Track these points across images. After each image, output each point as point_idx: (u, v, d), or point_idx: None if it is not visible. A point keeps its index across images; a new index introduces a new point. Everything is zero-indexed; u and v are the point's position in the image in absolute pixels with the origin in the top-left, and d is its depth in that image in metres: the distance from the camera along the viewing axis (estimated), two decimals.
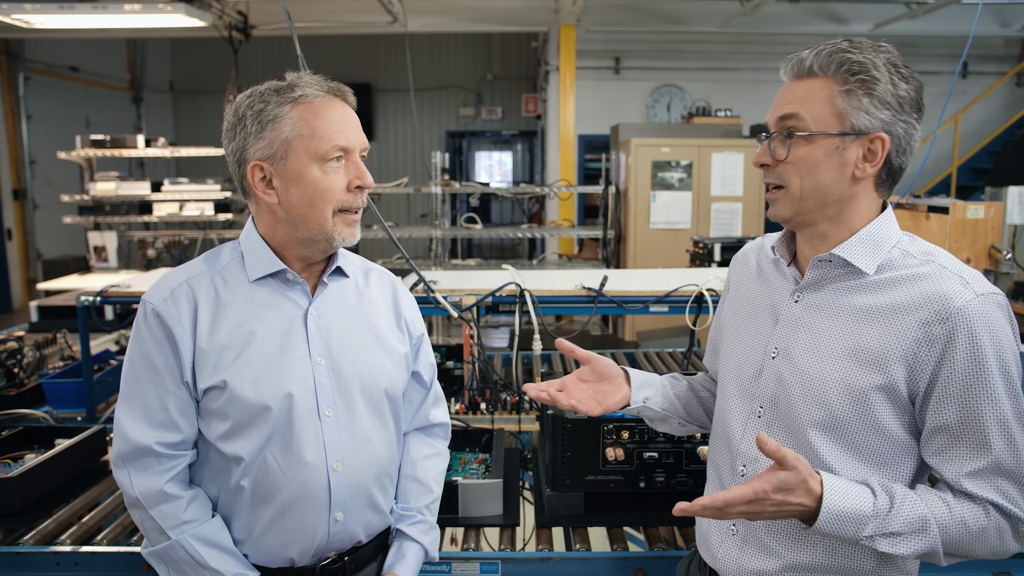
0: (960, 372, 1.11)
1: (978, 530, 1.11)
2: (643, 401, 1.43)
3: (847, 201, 1.20)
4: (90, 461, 2.08)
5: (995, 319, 1.11)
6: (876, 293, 1.18)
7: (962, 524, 1.12)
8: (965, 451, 1.13)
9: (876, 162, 1.17)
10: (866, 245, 1.20)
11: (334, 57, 11.48)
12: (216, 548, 1.31)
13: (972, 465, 1.12)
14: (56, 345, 3.22)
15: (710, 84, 8.76)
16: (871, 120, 1.15)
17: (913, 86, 1.17)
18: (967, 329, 1.10)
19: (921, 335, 1.12)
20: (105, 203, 6.50)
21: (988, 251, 4.25)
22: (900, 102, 1.15)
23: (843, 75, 1.15)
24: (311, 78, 1.33)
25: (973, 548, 1.13)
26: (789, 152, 1.19)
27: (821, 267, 1.24)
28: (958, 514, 1.12)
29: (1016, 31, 8.18)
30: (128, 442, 1.30)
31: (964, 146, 8.73)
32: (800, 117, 1.17)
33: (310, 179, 1.30)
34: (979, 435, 1.11)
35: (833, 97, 1.16)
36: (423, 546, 1.50)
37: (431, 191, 5.92)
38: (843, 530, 1.10)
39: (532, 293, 2.52)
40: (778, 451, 1.08)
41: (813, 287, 1.25)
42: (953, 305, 1.11)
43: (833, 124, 1.16)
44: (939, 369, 1.12)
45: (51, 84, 9.45)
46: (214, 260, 1.39)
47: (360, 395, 1.40)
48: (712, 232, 6.12)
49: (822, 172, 1.17)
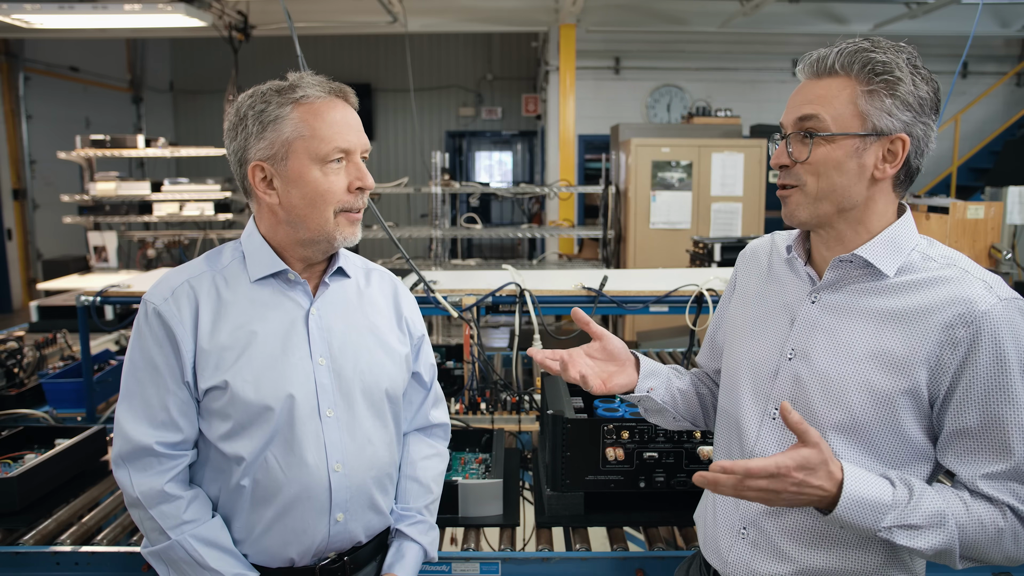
0: (983, 376, 1.10)
1: (995, 532, 1.10)
2: (647, 391, 1.40)
3: (865, 203, 1.18)
4: (90, 461, 2.08)
5: (1019, 324, 1.11)
6: (897, 296, 1.17)
7: (979, 524, 1.10)
8: (985, 454, 1.11)
9: (896, 163, 1.16)
10: (887, 247, 1.19)
11: (334, 57, 11.48)
12: (216, 548, 1.31)
13: (991, 468, 1.11)
14: (56, 345, 3.22)
15: (710, 84, 8.76)
16: (893, 121, 1.14)
17: (932, 87, 1.16)
18: (991, 333, 1.09)
19: (944, 338, 1.12)
20: (105, 203, 6.50)
21: (988, 251, 4.25)
22: (921, 103, 1.14)
23: (867, 75, 1.13)
24: (313, 79, 1.33)
25: (988, 551, 1.11)
26: (810, 153, 1.17)
27: (841, 268, 1.22)
28: (975, 513, 1.10)
29: (1016, 31, 8.18)
30: (129, 442, 1.30)
31: (964, 146, 8.73)
32: (820, 118, 1.16)
33: (310, 180, 1.30)
34: (1000, 439, 1.10)
35: (856, 97, 1.14)
36: (422, 546, 1.50)
37: (431, 191, 5.92)
38: (862, 519, 1.08)
39: (532, 293, 2.52)
40: (801, 423, 1.06)
41: (831, 288, 1.24)
42: (978, 309, 1.10)
43: (855, 125, 1.14)
44: (961, 372, 1.11)
45: (51, 84, 9.45)
46: (215, 260, 1.39)
47: (361, 396, 1.40)
48: (712, 232, 6.11)
49: (842, 173, 1.16)
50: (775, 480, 1.05)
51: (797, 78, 1.24)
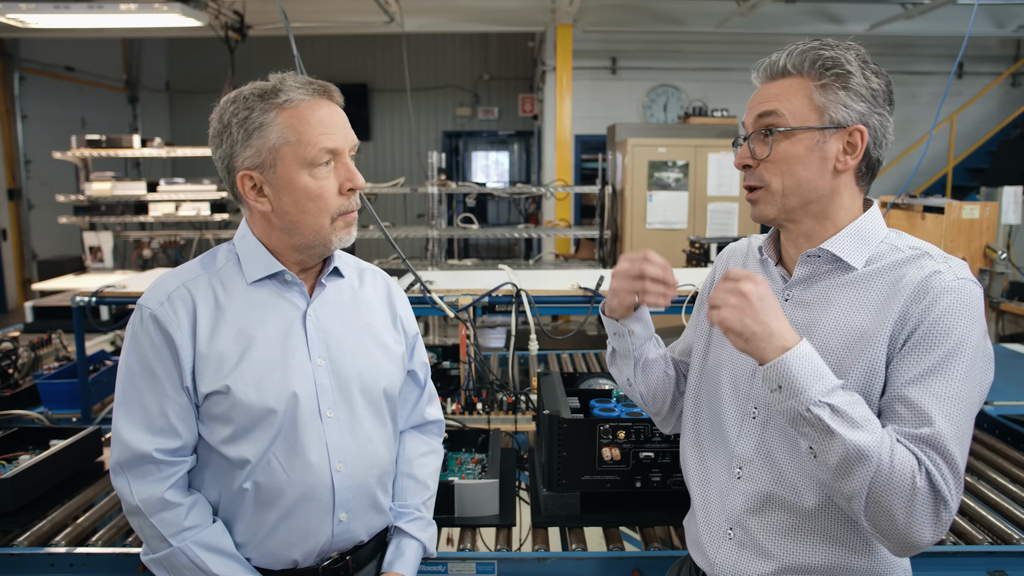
0: (927, 349, 1.11)
1: (910, 485, 1.05)
2: (629, 333, 1.40)
3: (830, 196, 1.21)
4: (85, 462, 2.07)
5: (970, 304, 1.12)
6: (867, 285, 1.19)
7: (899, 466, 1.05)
8: (914, 418, 1.09)
9: (856, 154, 1.19)
10: (854, 240, 1.21)
11: (331, 57, 11.47)
12: (219, 554, 1.30)
13: (917, 430, 1.08)
14: (51, 346, 3.21)
15: (707, 84, 8.76)
16: (849, 112, 1.17)
17: (883, 80, 1.20)
18: (943, 309, 1.11)
19: (903, 312, 1.13)
20: (101, 203, 6.48)
21: (983, 251, 4.27)
22: (874, 95, 1.18)
23: (818, 71, 1.18)
24: (295, 79, 1.31)
25: (895, 505, 1.06)
26: (771, 150, 1.20)
27: (810, 263, 1.24)
28: (899, 452, 1.07)
29: (1011, 31, 8.20)
30: (127, 449, 1.28)
31: (960, 146, 8.75)
32: (779, 113, 1.19)
33: (301, 186, 1.29)
34: (928, 406, 1.09)
35: (810, 92, 1.18)
36: (422, 543, 1.50)
37: (427, 191, 5.92)
38: (803, 378, 1.06)
39: (528, 293, 2.52)
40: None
41: (802, 284, 1.26)
42: (934, 286, 1.12)
43: (813, 118, 1.18)
44: (908, 344, 1.12)
45: (46, 84, 9.42)
46: (210, 262, 1.38)
47: (360, 395, 1.40)
48: (708, 232, 6.12)
49: (804, 168, 1.19)
50: (746, 281, 1.11)
51: (753, 84, 1.27)
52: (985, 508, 1.86)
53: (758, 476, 1.25)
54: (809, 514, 1.21)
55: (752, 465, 1.26)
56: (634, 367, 1.45)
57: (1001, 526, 1.76)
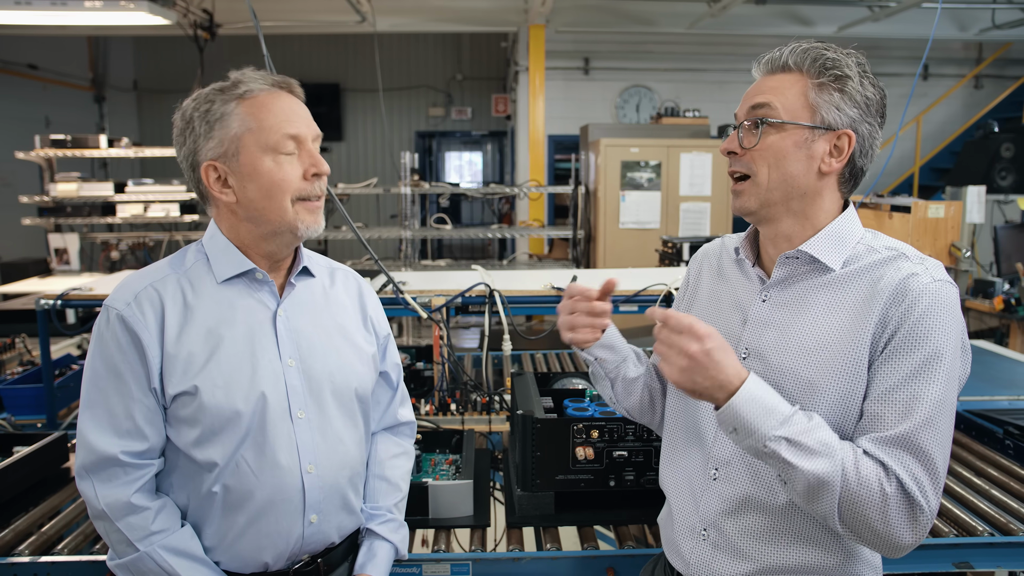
0: (906, 350, 1.12)
1: (880, 494, 1.07)
2: (594, 359, 1.42)
3: (812, 196, 1.22)
4: (50, 468, 2.03)
5: (947, 306, 1.13)
6: (844, 286, 1.20)
7: (865, 479, 1.08)
8: (884, 420, 1.11)
9: (842, 158, 1.20)
10: (831, 241, 1.23)
11: (302, 57, 11.35)
12: (187, 558, 1.28)
13: (886, 432, 1.10)
14: (15, 350, 3.14)
15: (679, 85, 8.83)
16: (840, 116, 1.19)
17: (879, 92, 1.22)
18: (921, 311, 1.12)
19: (882, 315, 1.14)
20: (66, 204, 6.37)
21: (948, 249, 4.35)
22: (867, 103, 1.20)
23: (817, 70, 1.19)
24: (254, 74, 1.32)
25: (870, 514, 1.08)
26: (759, 140, 1.21)
27: (788, 264, 1.25)
28: (864, 465, 1.09)
29: (974, 35, 8.37)
30: (92, 452, 1.26)
31: (926, 146, 8.91)
32: (772, 106, 1.20)
33: (264, 171, 1.28)
34: (901, 406, 1.11)
35: (807, 90, 1.19)
36: (394, 544, 1.50)
37: (400, 191, 5.89)
38: (755, 420, 1.09)
39: (502, 293, 2.52)
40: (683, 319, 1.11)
41: (780, 285, 1.27)
42: (912, 288, 1.13)
43: (804, 116, 1.19)
44: (888, 346, 1.14)
45: (8, 82, 9.20)
46: (179, 262, 1.37)
47: (331, 396, 1.39)
48: (681, 232, 6.17)
49: (790, 163, 1.20)
50: (688, 338, 1.10)
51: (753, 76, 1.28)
52: (951, 501, 1.90)
53: (735, 478, 1.26)
54: (784, 515, 1.22)
55: (729, 467, 1.27)
56: (612, 386, 1.47)
57: (967, 519, 1.79)
